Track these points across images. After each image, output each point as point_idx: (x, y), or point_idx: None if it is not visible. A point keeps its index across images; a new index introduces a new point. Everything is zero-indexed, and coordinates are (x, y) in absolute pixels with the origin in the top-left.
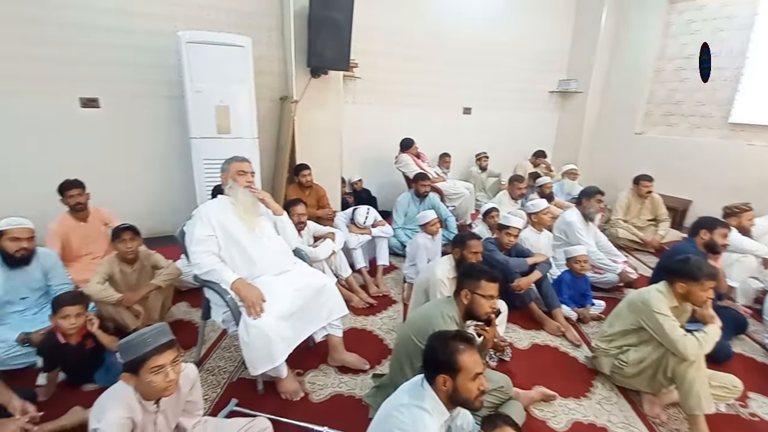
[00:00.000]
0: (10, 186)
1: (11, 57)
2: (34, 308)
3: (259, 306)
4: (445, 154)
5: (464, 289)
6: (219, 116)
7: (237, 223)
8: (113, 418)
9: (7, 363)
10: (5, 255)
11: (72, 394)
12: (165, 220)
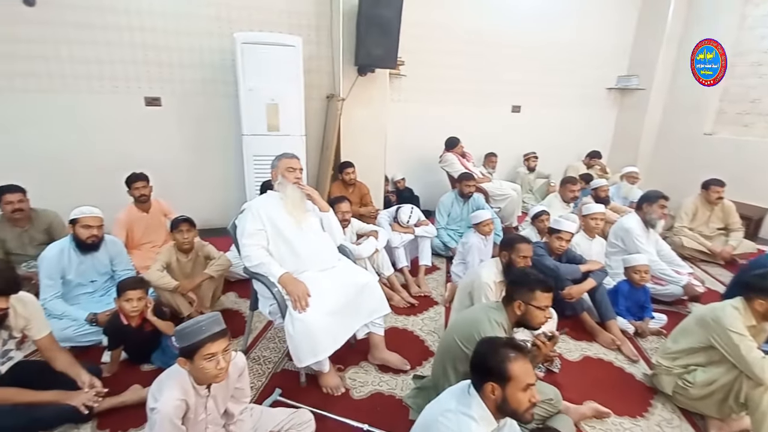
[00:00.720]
0: (81, 177)
1: (85, 60)
2: (101, 291)
3: (304, 301)
4: (491, 154)
5: (517, 300)
6: (269, 114)
7: (285, 218)
8: (170, 400)
9: (76, 340)
10: (78, 241)
11: (132, 372)
12: (216, 212)
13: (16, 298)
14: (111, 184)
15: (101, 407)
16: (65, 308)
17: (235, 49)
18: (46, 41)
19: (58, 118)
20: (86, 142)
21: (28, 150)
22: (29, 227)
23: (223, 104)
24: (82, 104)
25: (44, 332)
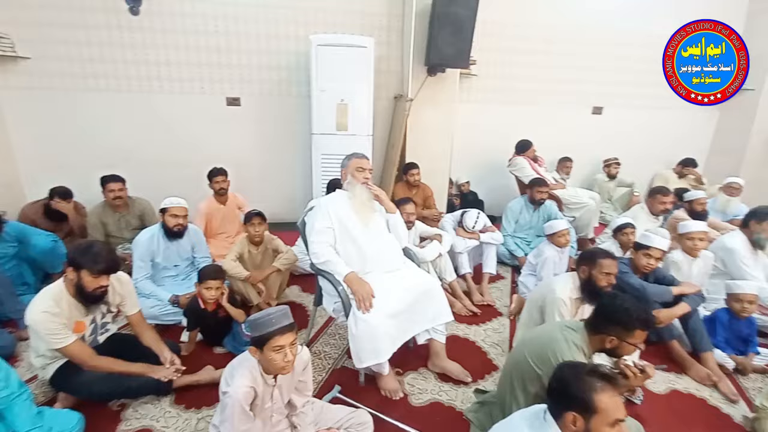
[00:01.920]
0: (170, 170)
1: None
2: (183, 275)
3: (369, 301)
4: (565, 159)
5: (610, 336)
6: (339, 114)
7: (353, 217)
8: (240, 387)
9: (160, 318)
10: (166, 228)
11: (205, 353)
12: (284, 207)
13: (114, 276)
14: (195, 177)
15: (178, 383)
16: (153, 288)
17: (310, 51)
18: (146, 46)
19: (151, 116)
20: (175, 139)
21: (126, 145)
22: (126, 213)
23: (296, 104)
24: (172, 104)
25: (135, 309)
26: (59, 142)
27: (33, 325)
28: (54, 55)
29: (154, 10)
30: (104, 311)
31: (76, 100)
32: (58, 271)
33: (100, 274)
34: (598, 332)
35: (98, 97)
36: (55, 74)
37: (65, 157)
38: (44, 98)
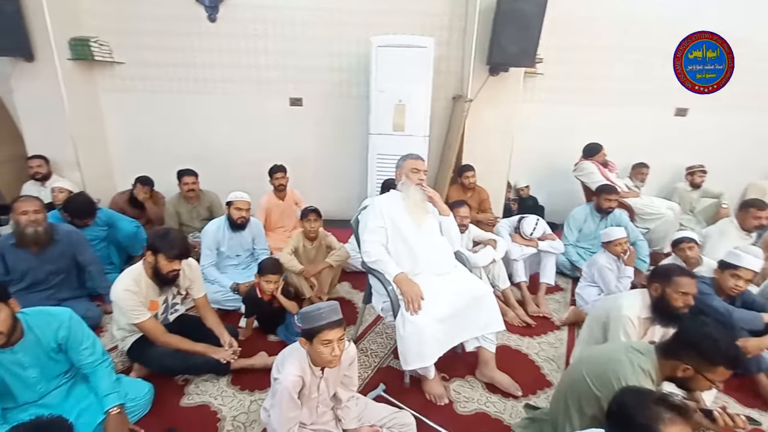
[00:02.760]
0: (235, 166)
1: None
2: (243, 264)
3: (417, 303)
4: (641, 165)
5: (686, 365)
6: (396, 114)
7: (406, 218)
8: (290, 375)
9: (222, 304)
10: (231, 220)
11: (260, 340)
12: (338, 205)
13: (185, 262)
14: (257, 173)
15: (235, 365)
16: (217, 275)
17: (371, 52)
18: (221, 51)
19: (223, 116)
20: (242, 137)
21: (200, 142)
22: (197, 205)
23: (355, 105)
24: (241, 105)
25: (201, 293)
26: (144, 139)
27: (116, 300)
28: (143, 61)
29: (229, 17)
30: (175, 293)
31: (160, 102)
32: (138, 254)
33: (174, 258)
34: (671, 358)
35: (178, 98)
36: (143, 78)
37: (149, 152)
38: (134, 99)
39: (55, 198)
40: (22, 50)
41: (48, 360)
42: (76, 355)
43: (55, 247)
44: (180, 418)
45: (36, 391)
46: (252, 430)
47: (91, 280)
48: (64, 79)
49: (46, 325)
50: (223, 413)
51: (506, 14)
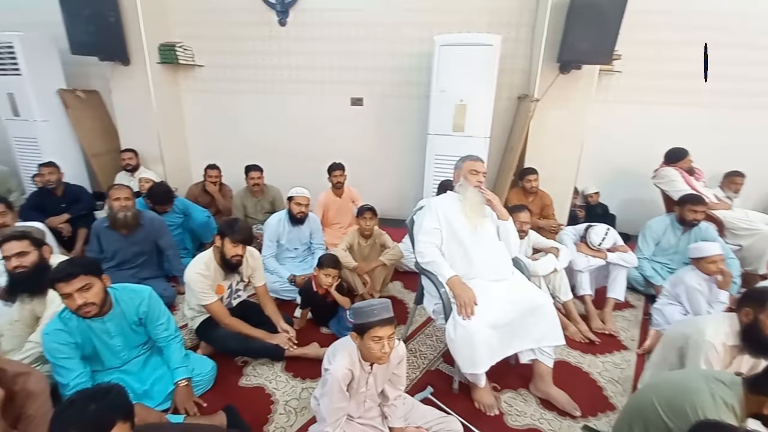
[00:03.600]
0: (297, 162)
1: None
2: (300, 257)
3: (470, 308)
4: (735, 173)
5: None
6: (456, 114)
7: (462, 221)
8: (340, 367)
9: (279, 293)
10: (291, 214)
11: (313, 331)
12: (394, 204)
13: (248, 251)
14: (317, 170)
15: (289, 353)
16: (276, 266)
17: (433, 51)
18: (289, 53)
19: (288, 115)
20: (304, 135)
21: (266, 139)
22: (261, 198)
23: (414, 105)
24: (305, 104)
25: (262, 282)
26: (217, 136)
27: (188, 282)
28: (219, 63)
29: (298, 20)
30: (238, 280)
31: (232, 101)
32: (208, 242)
33: (237, 242)
34: (761, 393)
35: (248, 98)
36: (219, 79)
37: (220, 147)
38: (210, 99)
39: (142, 187)
40: (121, 55)
41: (130, 331)
42: (153, 329)
43: (141, 231)
44: (238, 396)
45: (119, 358)
46: (302, 416)
47: (168, 262)
48: (153, 81)
49: (131, 300)
50: (276, 397)
51: (582, 7)
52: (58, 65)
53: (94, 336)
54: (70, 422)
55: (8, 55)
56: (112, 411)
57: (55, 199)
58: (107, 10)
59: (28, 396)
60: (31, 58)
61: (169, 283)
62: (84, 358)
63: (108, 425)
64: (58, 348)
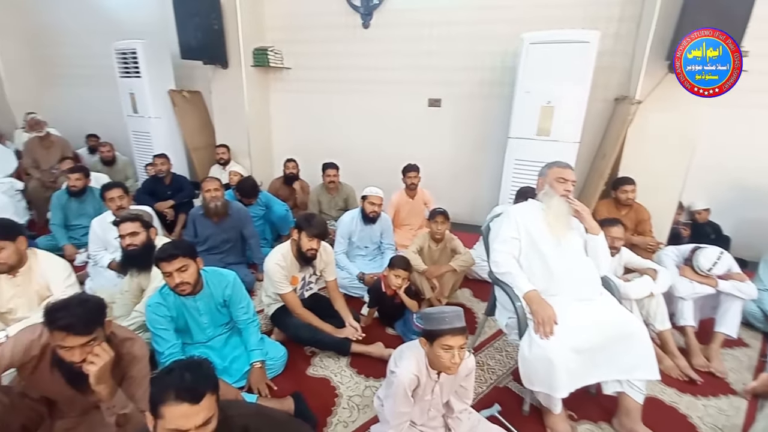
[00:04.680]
0: (373, 162)
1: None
2: (370, 256)
3: (549, 326)
4: None
5: None
6: (542, 117)
7: (544, 232)
8: (406, 371)
9: (348, 290)
10: (364, 213)
11: (378, 331)
12: (466, 209)
13: (322, 246)
14: (392, 170)
15: (355, 349)
16: (346, 263)
17: (521, 50)
18: (370, 55)
19: (367, 115)
20: (381, 136)
21: (344, 138)
22: (336, 195)
23: (495, 106)
24: (384, 105)
25: (332, 276)
26: (299, 134)
27: (267, 271)
28: (305, 65)
29: (381, 22)
30: (311, 272)
31: (314, 101)
32: (286, 234)
33: (313, 237)
34: None
35: (329, 98)
36: (304, 80)
37: (301, 145)
38: (294, 99)
39: (231, 180)
40: (221, 59)
41: (216, 311)
42: (235, 311)
43: (229, 219)
44: (305, 384)
45: (206, 334)
46: (364, 413)
47: (250, 250)
48: (246, 83)
49: (218, 282)
50: (340, 390)
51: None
52: (170, 68)
53: (186, 312)
54: (169, 386)
55: (132, 59)
56: (204, 382)
57: (164, 186)
58: (212, 18)
59: (132, 359)
60: (149, 62)
61: (249, 270)
62: (177, 331)
63: (200, 394)
64: (157, 319)
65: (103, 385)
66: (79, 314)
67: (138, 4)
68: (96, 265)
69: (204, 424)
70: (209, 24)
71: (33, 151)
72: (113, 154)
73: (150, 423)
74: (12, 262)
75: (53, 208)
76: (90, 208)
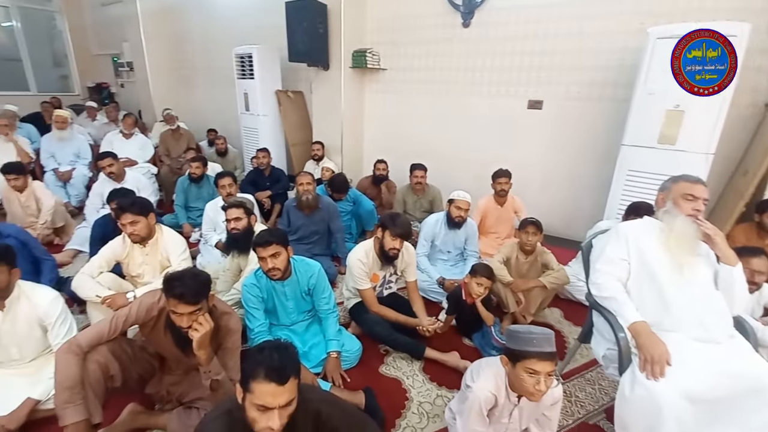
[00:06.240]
0: (461, 165)
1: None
2: (452, 261)
3: (661, 367)
4: None
5: None
6: (668, 123)
7: (661, 256)
8: (483, 389)
9: (427, 293)
10: (449, 217)
11: (454, 340)
12: (562, 221)
13: (405, 245)
14: (481, 174)
15: (428, 354)
16: (427, 266)
17: (645, 46)
18: (468, 55)
19: (460, 116)
20: (472, 137)
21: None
22: (421, 197)
23: (606, 109)
24: (479, 106)
25: (413, 278)
26: (390, 133)
27: (350, 265)
28: (401, 66)
29: (482, 21)
30: (392, 272)
31: (407, 102)
32: (370, 230)
33: (396, 237)
34: None
35: (422, 99)
36: (398, 81)
37: (391, 145)
38: (388, 100)
39: (323, 175)
40: (323, 61)
41: (300, 298)
42: (317, 300)
43: (318, 213)
44: (376, 382)
45: (290, 318)
46: (434, 423)
47: (336, 243)
48: (344, 84)
49: (305, 271)
50: (411, 394)
51: None
52: (278, 70)
53: (275, 295)
54: (260, 363)
55: (248, 63)
56: (291, 366)
57: (264, 178)
58: (318, 22)
59: (228, 331)
60: (262, 65)
61: (333, 263)
62: (266, 312)
63: (286, 377)
64: (250, 298)
65: (203, 351)
66: (191, 286)
67: (255, 13)
68: (206, 244)
69: (286, 404)
70: (315, 28)
71: (166, 141)
72: (226, 147)
73: (239, 394)
74: (144, 234)
75: (178, 191)
76: (205, 193)
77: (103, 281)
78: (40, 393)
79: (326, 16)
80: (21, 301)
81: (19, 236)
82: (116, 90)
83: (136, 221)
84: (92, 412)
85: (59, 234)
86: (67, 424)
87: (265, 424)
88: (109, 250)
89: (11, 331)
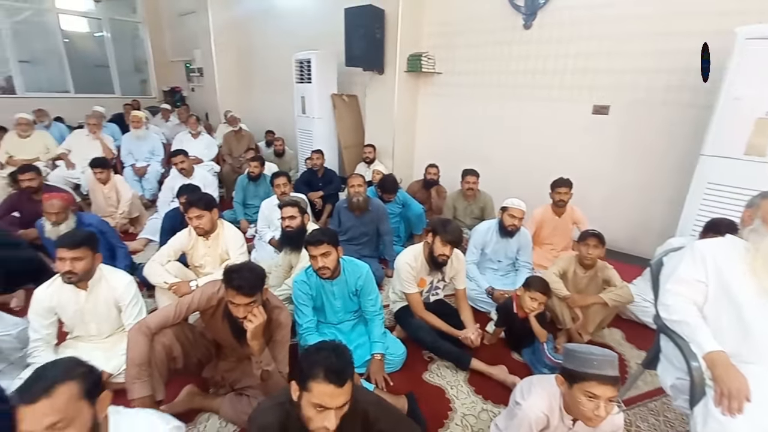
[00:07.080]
0: (517, 172)
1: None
2: (502, 271)
3: (740, 402)
4: None
5: None
6: (757, 132)
7: (745, 280)
8: (534, 407)
9: (475, 302)
10: (501, 225)
11: (503, 353)
12: (627, 236)
13: (455, 252)
14: (539, 182)
15: (475, 365)
16: (476, 274)
17: (732, 47)
18: (529, 57)
19: (516, 121)
20: (531, 144)
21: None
22: (472, 203)
23: (683, 115)
24: (535, 110)
25: (462, 285)
26: (442, 138)
27: (397, 269)
28: (457, 70)
29: (545, 22)
30: (440, 278)
31: (462, 106)
32: (419, 233)
33: (447, 243)
34: None
35: (478, 104)
36: (454, 85)
37: (443, 149)
38: (442, 104)
39: (374, 178)
40: (379, 66)
41: (348, 298)
42: (364, 301)
43: (368, 214)
44: (419, 388)
45: (337, 317)
46: None
47: (384, 246)
48: (398, 87)
49: (353, 272)
50: (455, 405)
51: None
52: (335, 74)
53: (323, 293)
54: (320, 364)
55: (307, 68)
56: (348, 367)
57: (317, 178)
58: (375, 27)
59: (279, 325)
60: (320, 70)
61: (380, 265)
62: (314, 309)
63: (344, 379)
64: (300, 294)
65: (256, 341)
66: (248, 278)
67: (314, 20)
68: (260, 240)
69: (342, 405)
70: (373, 33)
71: (228, 141)
72: (283, 148)
73: (294, 391)
74: (208, 228)
75: (237, 188)
76: (262, 192)
77: (171, 269)
78: (113, 367)
79: (383, 21)
80: (101, 283)
81: (99, 226)
82: (187, 93)
83: (202, 215)
84: (156, 389)
85: (134, 224)
86: (135, 398)
87: (321, 423)
88: (176, 240)
89: (93, 310)
